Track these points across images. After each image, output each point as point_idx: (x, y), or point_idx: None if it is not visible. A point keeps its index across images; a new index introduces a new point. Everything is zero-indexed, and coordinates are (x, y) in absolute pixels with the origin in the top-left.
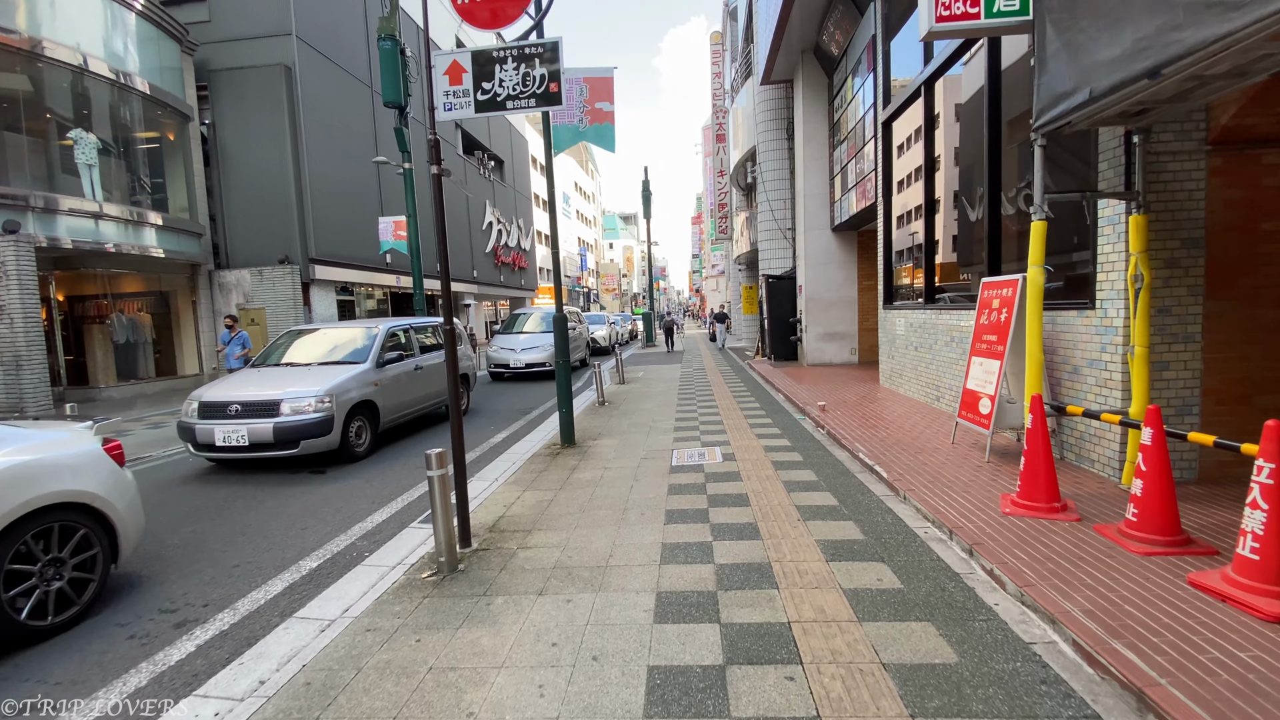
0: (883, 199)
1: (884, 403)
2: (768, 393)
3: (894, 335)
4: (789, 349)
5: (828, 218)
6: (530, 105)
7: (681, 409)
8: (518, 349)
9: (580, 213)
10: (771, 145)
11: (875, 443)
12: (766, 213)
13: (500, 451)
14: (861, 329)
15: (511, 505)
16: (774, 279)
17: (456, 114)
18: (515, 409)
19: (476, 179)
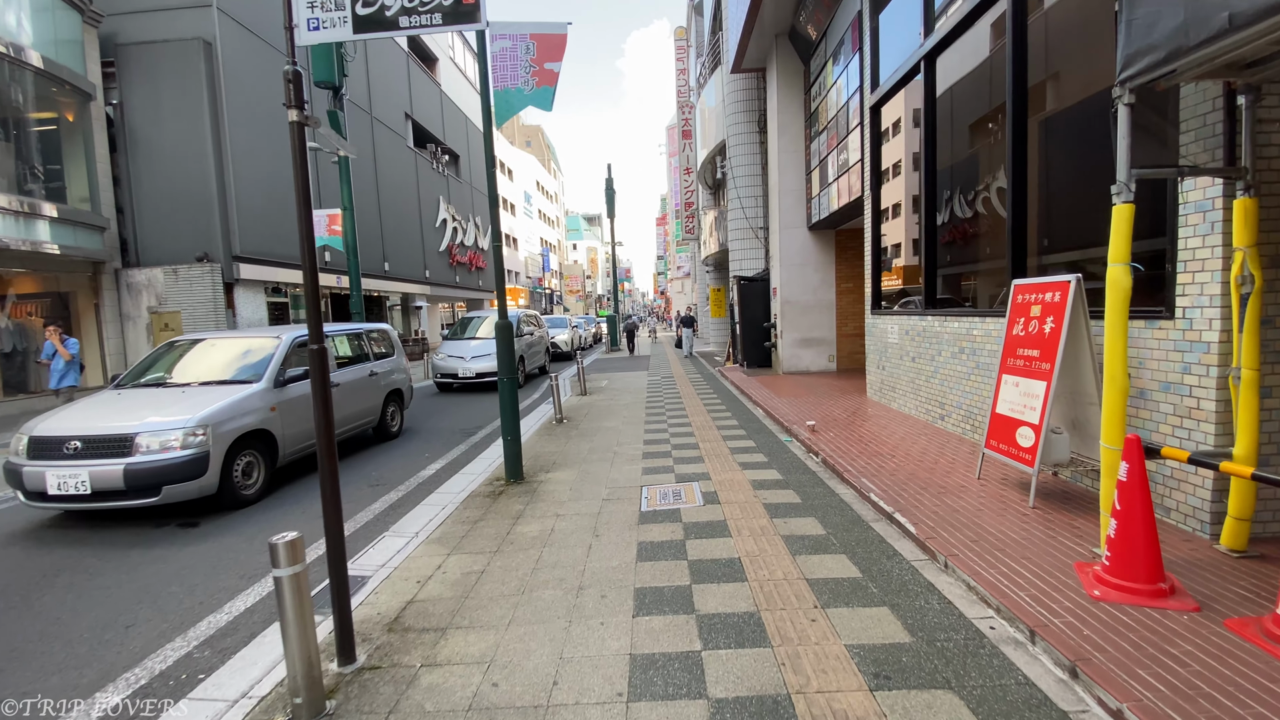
0: (870, 193)
1: (879, 421)
2: (745, 407)
3: (885, 344)
4: (763, 355)
5: (804, 215)
6: (437, 24)
7: (651, 428)
8: (467, 356)
9: (543, 212)
10: (742, 139)
11: (884, 477)
12: (737, 211)
13: (430, 489)
14: (840, 334)
15: (428, 580)
16: (746, 280)
17: (327, 35)
18: (458, 428)
19: (429, 174)
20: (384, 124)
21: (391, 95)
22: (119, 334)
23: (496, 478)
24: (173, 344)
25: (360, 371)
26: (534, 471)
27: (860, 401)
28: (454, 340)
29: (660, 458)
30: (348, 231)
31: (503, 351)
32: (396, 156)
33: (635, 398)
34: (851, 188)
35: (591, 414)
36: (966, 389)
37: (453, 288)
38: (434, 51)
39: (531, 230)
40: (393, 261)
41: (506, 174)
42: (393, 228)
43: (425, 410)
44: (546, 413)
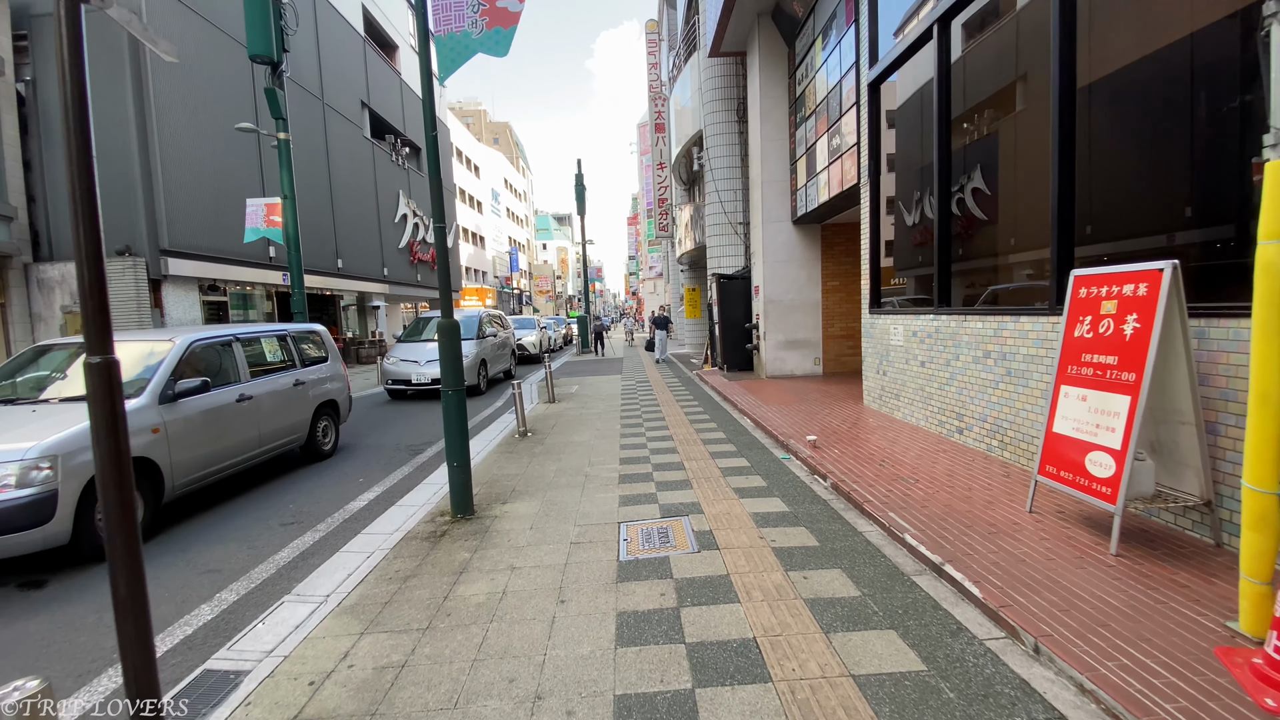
0: (869, 179)
1: (886, 434)
2: (730, 416)
3: (887, 346)
4: (744, 358)
5: (788, 208)
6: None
7: (627, 442)
8: (422, 360)
9: (511, 210)
10: (720, 129)
11: (915, 510)
12: (715, 205)
13: (357, 528)
14: (826, 336)
15: (326, 679)
16: (726, 279)
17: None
18: (405, 445)
19: (388, 166)
20: (338, 112)
21: (346, 82)
22: (28, 335)
23: (441, 512)
24: (44, 349)
25: (282, 381)
26: (488, 502)
27: (858, 410)
28: (408, 342)
29: (640, 481)
30: (289, 223)
31: (448, 357)
32: (352, 147)
33: (608, 405)
34: (845, 175)
35: (560, 425)
36: (993, 399)
37: (414, 287)
38: (393, 38)
39: (499, 228)
40: (347, 258)
41: (472, 170)
42: (347, 222)
43: (369, 422)
44: (508, 424)
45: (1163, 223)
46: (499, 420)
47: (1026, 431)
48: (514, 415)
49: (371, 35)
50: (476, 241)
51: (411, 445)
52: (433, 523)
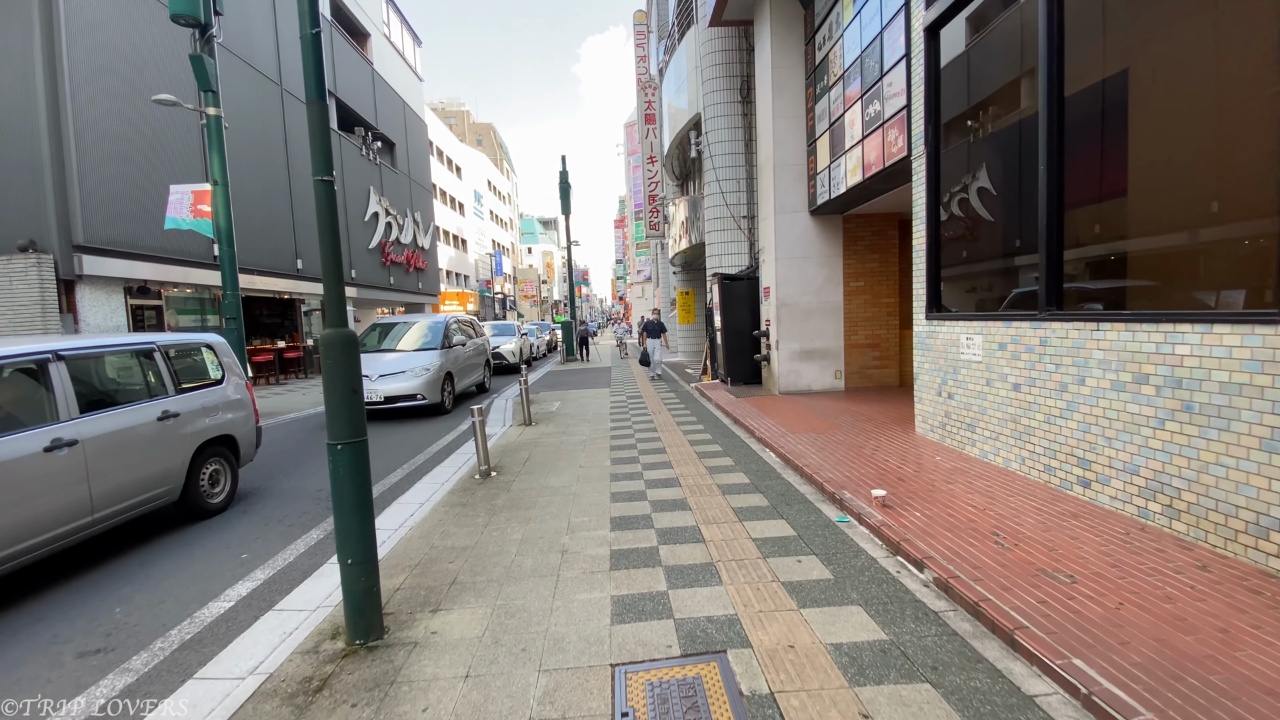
0: (927, 149)
1: (970, 482)
2: (747, 446)
3: (955, 361)
4: (750, 370)
5: (804, 197)
6: None
7: (621, 488)
8: (375, 375)
9: (495, 213)
10: (721, 109)
11: (1113, 652)
12: (715, 196)
13: (195, 660)
14: (849, 345)
15: None
16: (729, 279)
17: None
18: None
19: (357, 161)
20: (299, 99)
21: None
22: None
23: (337, 629)
24: None
25: (137, 415)
26: (412, 608)
27: (912, 443)
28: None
29: (644, 567)
30: (220, 214)
31: (336, 389)
32: None
33: (595, 430)
34: (887, 149)
35: (535, 460)
36: (1155, 444)
37: (386, 290)
38: (364, 26)
39: (482, 231)
40: (309, 258)
41: (454, 170)
42: (310, 220)
43: (298, 455)
44: (468, 460)
45: None
46: (461, 450)
47: (1229, 499)
48: (472, 449)
49: (340, 20)
50: (458, 244)
51: None
52: (315, 654)
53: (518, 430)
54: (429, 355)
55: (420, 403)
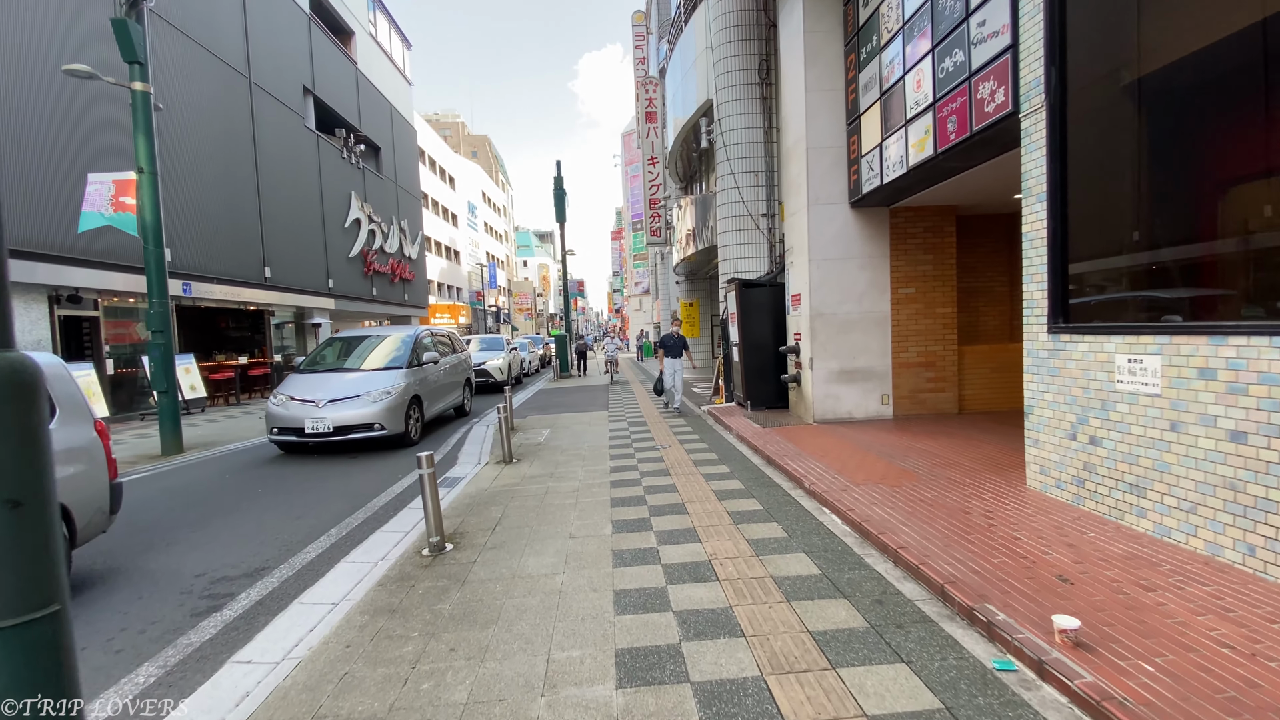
0: (1050, 99)
1: (1175, 583)
2: (798, 505)
3: (1103, 392)
4: (774, 392)
5: (843, 186)
6: None
7: (631, 590)
8: (322, 400)
9: (489, 225)
10: (736, 94)
11: None
12: (730, 192)
13: None
14: (897, 364)
15: None
16: (749, 285)
17: None
18: (219, 573)
19: (338, 164)
20: (270, 94)
21: (284, 61)
22: None
23: None
24: None
25: None
26: None
27: (1038, 506)
28: (308, 374)
29: None
30: (146, 207)
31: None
32: (291, 138)
33: (591, 471)
34: (977, 109)
35: (507, 524)
36: None
37: (368, 301)
38: (348, 23)
39: (476, 243)
40: (279, 267)
41: (447, 180)
42: (281, 225)
43: (200, 509)
44: (409, 529)
45: None
46: (418, 502)
47: None
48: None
49: (319, 14)
50: (450, 256)
51: (228, 576)
52: None
53: (494, 470)
54: (391, 376)
55: (378, 434)
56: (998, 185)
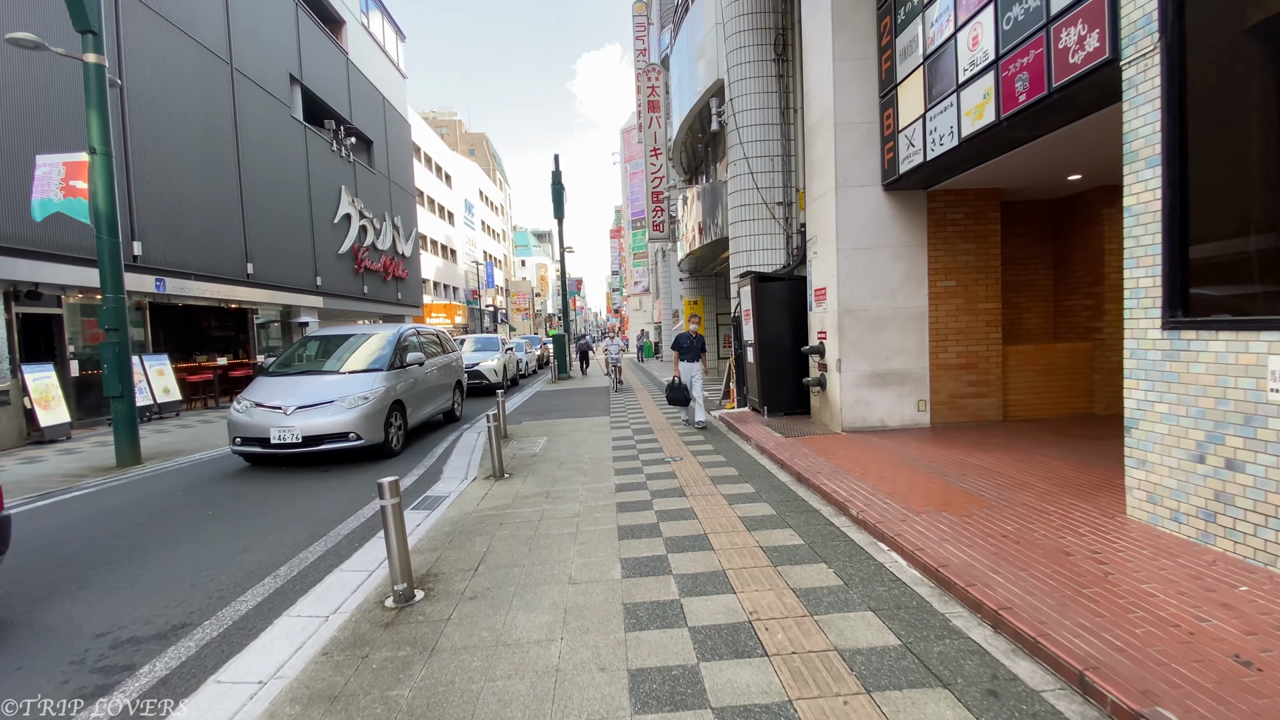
0: (1166, 38)
1: None
2: (846, 539)
3: (1245, 404)
4: (793, 397)
5: (876, 166)
6: None
7: (649, 670)
8: (289, 406)
9: (487, 224)
10: (750, 71)
11: None
12: (743, 179)
13: None
14: (935, 366)
15: None
16: (766, 280)
17: None
18: (125, 633)
19: (326, 157)
20: (254, 82)
21: (269, 48)
22: None
23: None
24: None
25: None
26: None
27: (1155, 544)
28: (278, 376)
29: None
30: (99, 192)
31: None
32: (276, 129)
33: (593, 491)
34: (1057, 61)
35: (493, 563)
36: None
37: (359, 300)
38: (338, 11)
39: (473, 242)
40: (263, 263)
41: (444, 179)
42: (264, 218)
43: (128, 540)
44: (381, 564)
45: None
46: (368, 547)
47: None
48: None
49: (308, 1)
50: (447, 254)
51: (137, 637)
52: None
53: (483, 487)
54: (369, 379)
55: (354, 444)
56: (1054, 163)
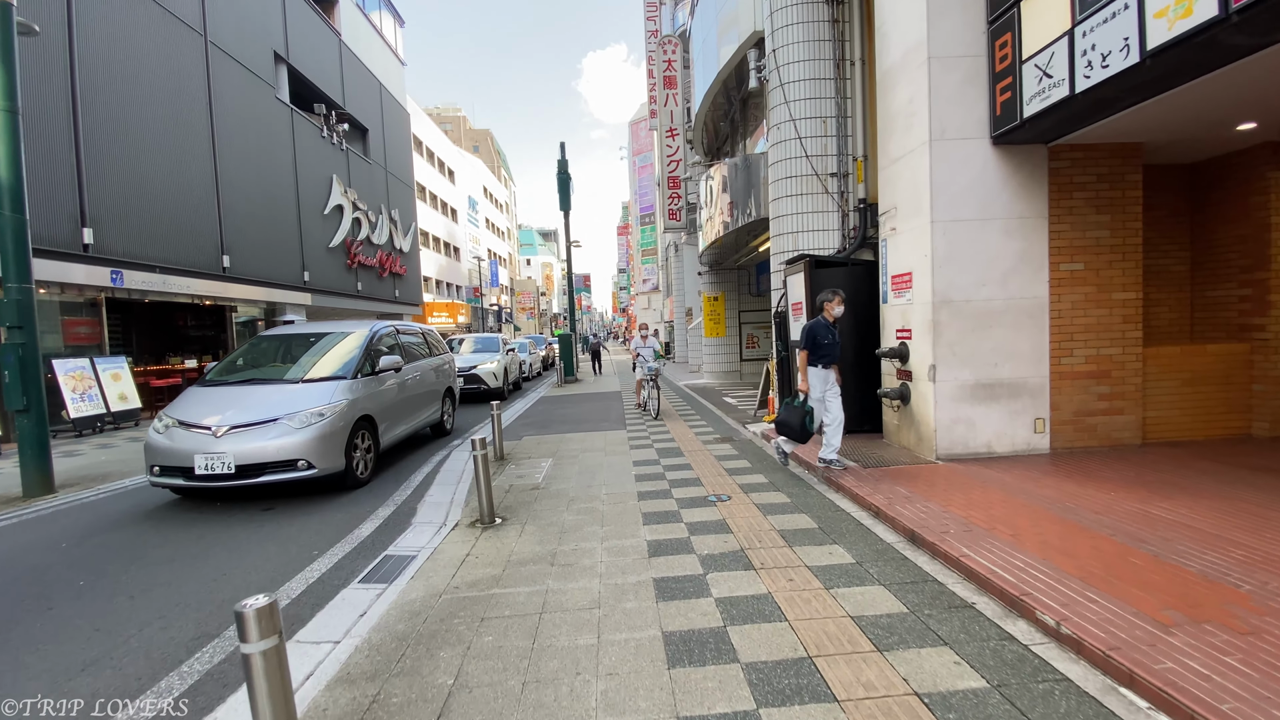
0: None
1: None
2: (1043, 664)
3: None
4: (858, 411)
5: (982, 114)
6: None
7: None
8: (221, 426)
9: (491, 221)
10: (798, 15)
11: None
12: (789, 144)
13: None
14: (1056, 374)
15: None
16: (823, 264)
17: None
18: None
19: (316, 143)
20: (232, 57)
21: (250, 22)
22: None
23: None
24: None
25: None
26: None
27: None
28: (216, 386)
29: None
30: (1, 158)
31: None
32: (257, 110)
33: (615, 550)
34: None
35: (458, 711)
36: None
37: (352, 297)
38: None
39: (477, 239)
40: (241, 255)
41: (447, 174)
42: (243, 207)
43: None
44: (320, 666)
45: None
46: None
47: None
48: (376, 584)
49: None
50: (450, 252)
51: None
52: None
53: (464, 543)
54: (328, 390)
55: (304, 474)
56: (1233, 103)
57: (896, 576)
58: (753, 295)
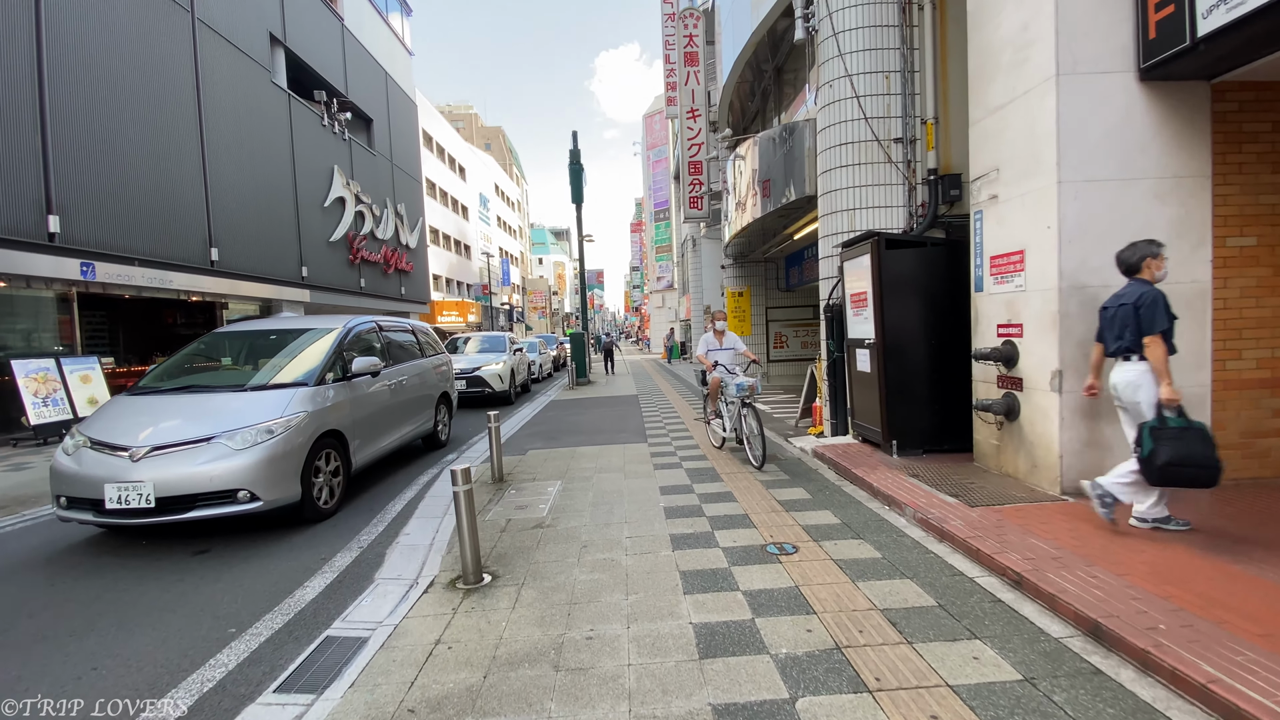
0: None
1: None
2: None
3: None
4: (937, 426)
5: (1126, 40)
6: None
7: None
8: (140, 447)
9: (503, 219)
10: None
11: None
12: (844, 105)
13: None
14: (1221, 382)
15: None
16: (892, 246)
17: None
18: None
19: (316, 132)
20: (222, 36)
21: (242, 1)
22: None
23: None
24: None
25: None
26: None
27: None
28: (144, 395)
29: None
30: None
31: None
32: (251, 94)
33: (647, 645)
34: None
35: None
36: None
37: (354, 294)
38: None
39: (488, 237)
40: (232, 249)
41: (458, 171)
42: (234, 197)
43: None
44: None
45: None
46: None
47: None
48: (309, 700)
49: None
50: (460, 250)
51: None
52: None
53: (438, 617)
54: (281, 400)
55: (246, 507)
56: None
57: (1108, 714)
58: (781, 290)
